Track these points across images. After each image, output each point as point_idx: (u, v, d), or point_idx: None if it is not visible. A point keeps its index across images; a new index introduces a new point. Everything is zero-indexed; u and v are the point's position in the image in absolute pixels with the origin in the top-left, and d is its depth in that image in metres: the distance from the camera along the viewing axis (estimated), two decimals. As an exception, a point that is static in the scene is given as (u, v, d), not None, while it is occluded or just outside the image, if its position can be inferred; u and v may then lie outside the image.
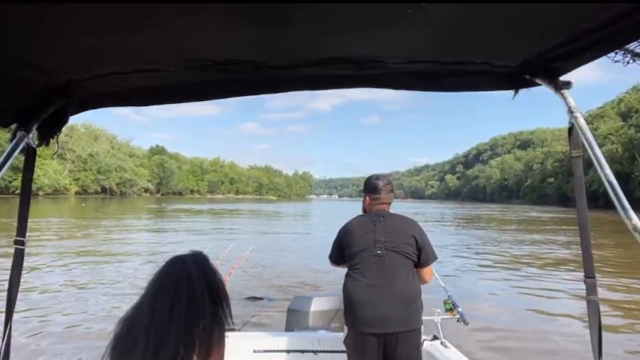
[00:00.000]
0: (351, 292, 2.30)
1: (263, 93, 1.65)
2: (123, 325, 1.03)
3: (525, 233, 22.17)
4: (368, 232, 2.36)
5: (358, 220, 2.50)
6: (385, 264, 2.28)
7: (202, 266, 1.11)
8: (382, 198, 2.50)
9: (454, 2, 1.05)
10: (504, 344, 5.49)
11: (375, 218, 2.40)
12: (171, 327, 0.99)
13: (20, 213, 1.49)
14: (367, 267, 2.29)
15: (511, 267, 11.33)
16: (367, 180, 2.60)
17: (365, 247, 2.32)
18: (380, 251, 2.29)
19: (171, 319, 1.00)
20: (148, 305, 1.04)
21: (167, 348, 0.97)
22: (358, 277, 2.30)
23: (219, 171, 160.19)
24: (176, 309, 1.01)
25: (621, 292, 8.56)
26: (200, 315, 1.03)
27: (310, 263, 11.22)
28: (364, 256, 2.32)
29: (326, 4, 1.04)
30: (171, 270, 1.09)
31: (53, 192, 75.63)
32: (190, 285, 1.05)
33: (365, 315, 2.23)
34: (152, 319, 1.01)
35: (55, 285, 8.21)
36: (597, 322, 1.35)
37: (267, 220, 32.96)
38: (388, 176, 2.68)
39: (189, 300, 1.03)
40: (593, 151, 1.24)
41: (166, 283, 1.06)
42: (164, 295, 1.04)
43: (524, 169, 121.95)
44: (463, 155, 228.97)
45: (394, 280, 2.27)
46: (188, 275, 1.07)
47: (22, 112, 1.45)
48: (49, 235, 16.44)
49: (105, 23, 1.09)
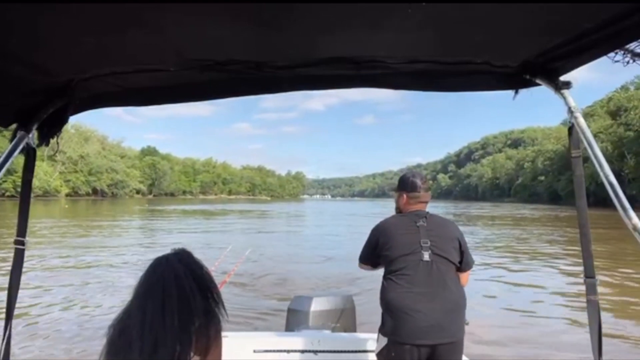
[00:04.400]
0: (397, 300, 2.11)
1: (263, 93, 1.64)
2: (115, 329, 1.03)
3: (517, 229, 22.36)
4: (411, 234, 2.18)
5: (396, 220, 2.31)
6: (434, 271, 2.11)
7: (187, 262, 1.10)
8: (421, 196, 2.32)
9: (454, 2, 1.06)
10: (505, 344, 5.51)
11: (417, 219, 2.22)
12: (165, 326, 0.99)
13: (20, 213, 1.48)
14: (414, 273, 2.11)
15: (511, 267, 11.39)
16: (404, 178, 2.42)
17: (409, 251, 2.14)
18: (428, 256, 2.12)
19: (164, 318, 1.00)
20: (138, 308, 1.03)
21: (164, 347, 0.97)
22: (404, 284, 2.11)
23: (212, 172, 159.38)
24: (167, 308, 1.01)
25: (611, 286, 8.67)
26: (193, 312, 1.03)
27: (311, 263, 11.25)
28: (409, 261, 2.13)
29: (326, 4, 1.04)
30: (157, 271, 1.08)
31: (43, 194, 74.79)
32: (179, 282, 1.05)
33: (416, 326, 2.05)
34: (144, 320, 1.00)
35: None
36: (597, 322, 1.35)
37: (265, 220, 32.86)
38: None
39: (180, 298, 1.03)
40: (593, 151, 1.24)
41: (154, 284, 1.05)
42: (154, 296, 1.03)
43: (515, 167, 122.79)
44: (455, 154, 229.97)
45: (445, 288, 2.11)
46: (175, 273, 1.06)
47: (22, 112, 1.44)
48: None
49: (105, 23, 1.09)
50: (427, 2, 1.02)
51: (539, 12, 1.10)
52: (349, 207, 68.90)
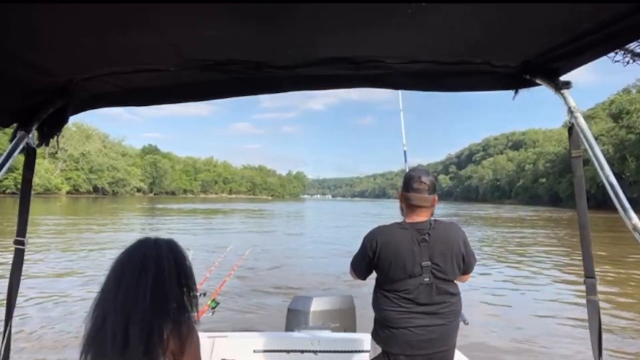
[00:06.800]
0: (395, 318, 2.03)
1: (263, 93, 1.64)
2: (94, 302, 1.04)
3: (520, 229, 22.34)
4: (412, 256, 2.01)
5: (396, 235, 2.06)
6: (434, 291, 2.02)
7: (173, 250, 1.11)
8: (423, 200, 2.06)
9: (454, 2, 1.06)
10: (505, 343, 5.50)
11: (418, 235, 2.02)
12: (137, 301, 0.99)
13: (20, 213, 1.48)
14: (415, 297, 2.01)
15: (510, 265, 11.40)
16: (406, 175, 2.19)
17: (410, 274, 2.01)
18: (428, 279, 2.01)
19: (137, 293, 1.00)
20: (114, 280, 1.04)
21: (135, 323, 0.98)
22: (403, 305, 2.02)
23: (212, 171, 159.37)
24: (142, 284, 1.01)
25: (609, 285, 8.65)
26: (167, 295, 1.03)
27: (311, 263, 11.22)
28: (409, 284, 2.01)
29: (326, 4, 1.04)
30: (141, 247, 1.08)
31: (44, 192, 74.87)
32: (159, 262, 1.05)
33: (414, 340, 2.01)
34: (118, 292, 1.01)
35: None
36: (597, 322, 1.36)
37: (266, 220, 32.85)
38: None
39: (156, 277, 1.03)
40: (593, 151, 1.24)
41: (134, 258, 1.06)
42: (131, 269, 1.04)
43: (516, 169, 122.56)
44: (456, 155, 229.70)
45: (445, 304, 2.05)
46: (157, 253, 1.07)
47: (22, 112, 1.44)
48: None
49: (105, 23, 1.09)
50: (427, 2, 1.02)
51: (539, 12, 1.10)
52: (350, 207, 68.85)
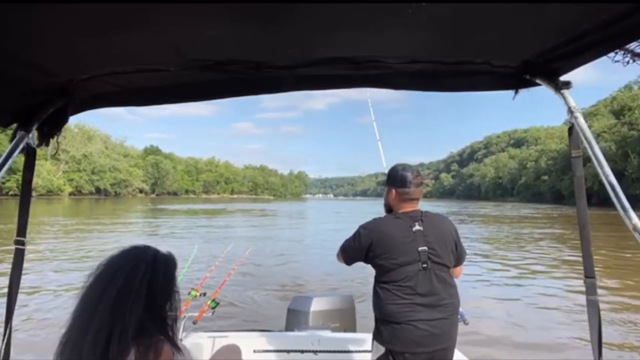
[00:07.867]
0: (397, 312, 2.01)
1: (263, 93, 1.64)
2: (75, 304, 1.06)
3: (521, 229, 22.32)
4: (408, 242, 2.04)
5: (392, 224, 2.11)
6: (433, 279, 2.03)
7: (157, 267, 1.09)
8: (412, 193, 2.12)
9: (454, 2, 1.05)
10: (505, 344, 5.49)
11: (412, 223, 2.07)
12: (97, 308, 1.00)
13: (20, 213, 1.49)
14: (414, 284, 2.01)
15: (510, 265, 11.37)
16: (393, 171, 2.21)
17: (408, 261, 2.02)
18: (426, 265, 2.02)
19: (99, 303, 1.00)
20: (90, 285, 1.05)
21: (93, 324, 0.99)
22: (404, 296, 2.01)
23: (214, 171, 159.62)
24: (106, 295, 1.01)
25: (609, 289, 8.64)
26: (129, 311, 1.00)
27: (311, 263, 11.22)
28: (408, 271, 2.01)
29: (326, 4, 1.04)
30: (123, 256, 1.09)
31: (47, 193, 75.06)
32: (131, 275, 1.04)
33: (417, 335, 1.98)
34: (84, 300, 1.03)
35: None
36: (597, 322, 1.36)
37: (267, 219, 32.85)
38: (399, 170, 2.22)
39: (122, 290, 1.02)
40: (593, 151, 1.24)
41: (111, 266, 1.07)
42: (103, 277, 1.05)
43: (518, 167, 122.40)
44: (458, 153, 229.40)
45: (444, 294, 2.05)
46: (134, 267, 1.06)
47: (22, 112, 1.44)
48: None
49: (105, 23, 1.09)
50: (427, 2, 1.02)
51: (538, 12, 1.10)
52: (352, 206, 68.78)
